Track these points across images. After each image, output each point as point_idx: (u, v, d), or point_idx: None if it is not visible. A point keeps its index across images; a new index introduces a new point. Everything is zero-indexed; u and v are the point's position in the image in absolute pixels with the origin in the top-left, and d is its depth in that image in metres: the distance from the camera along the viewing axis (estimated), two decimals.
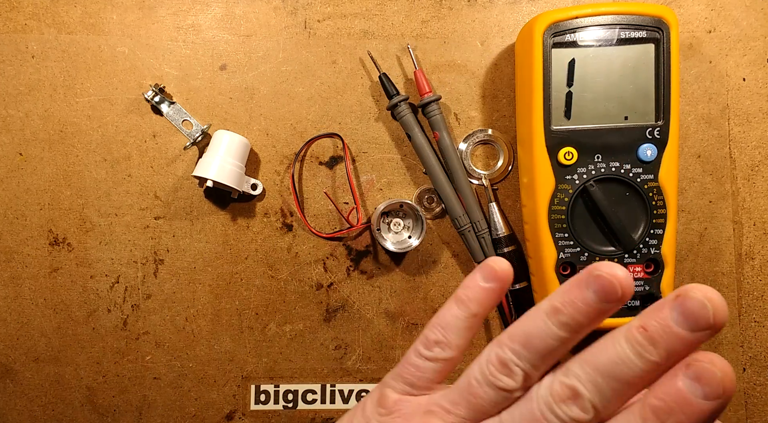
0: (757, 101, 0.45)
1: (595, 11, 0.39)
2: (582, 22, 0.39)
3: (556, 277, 0.40)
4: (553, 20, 0.39)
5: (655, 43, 0.39)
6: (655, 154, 0.40)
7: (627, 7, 0.39)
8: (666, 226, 0.40)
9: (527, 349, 0.22)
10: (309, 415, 0.46)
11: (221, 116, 0.45)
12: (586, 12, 0.39)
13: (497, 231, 0.44)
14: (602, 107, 0.40)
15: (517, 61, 0.43)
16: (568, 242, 0.40)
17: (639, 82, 0.40)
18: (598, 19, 0.39)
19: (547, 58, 0.39)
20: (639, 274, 0.40)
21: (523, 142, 0.42)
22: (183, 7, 0.45)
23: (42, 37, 0.45)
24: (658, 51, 0.39)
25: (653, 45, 0.39)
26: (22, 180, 0.45)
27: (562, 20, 0.39)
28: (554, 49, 0.39)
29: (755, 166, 0.46)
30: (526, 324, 0.22)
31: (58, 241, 0.45)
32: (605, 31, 0.39)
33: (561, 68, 0.40)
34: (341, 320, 0.46)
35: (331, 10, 0.45)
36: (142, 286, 0.45)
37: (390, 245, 0.43)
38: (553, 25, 0.39)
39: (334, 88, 0.45)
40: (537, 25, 0.39)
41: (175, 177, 0.45)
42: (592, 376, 0.20)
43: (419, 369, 0.24)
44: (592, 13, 0.39)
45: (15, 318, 0.45)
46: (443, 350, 0.24)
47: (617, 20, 0.39)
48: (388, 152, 0.46)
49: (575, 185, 0.40)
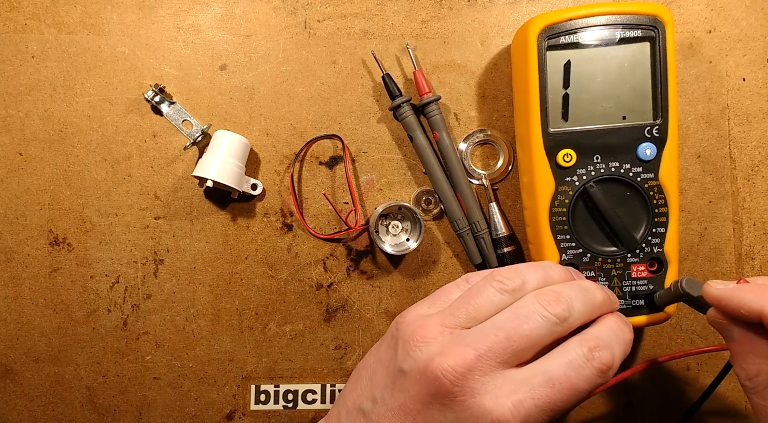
0: (757, 101, 0.45)
1: (589, 12, 0.39)
2: (576, 24, 0.39)
3: None
4: (547, 23, 0.39)
5: (650, 41, 0.39)
6: (655, 152, 0.40)
7: (621, 6, 0.39)
8: (668, 225, 0.40)
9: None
10: (309, 415, 0.46)
11: (221, 116, 0.45)
12: (579, 14, 0.39)
13: (497, 231, 0.44)
14: (600, 108, 0.40)
15: (513, 64, 0.43)
16: (570, 244, 0.40)
17: (636, 81, 0.40)
18: (593, 20, 0.39)
19: (543, 60, 0.39)
20: (642, 274, 0.40)
21: (522, 144, 0.42)
22: (183, 7, 0.45)
23: (42, 37, 0.45)
24: (654, 49, 0.39)
25: (648, 43, 0.39)
26: (22, 180, 0.45)
27: (556, 23, 0.39)
28: (549, 52, 0.39)
29: (755, 166, 0.46)
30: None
31: (58, 241, 0.45)
32: (600, 32, 0.39)
33: (557, 70, 0.40)
34: (341, 320, 0.46)
35: (331, 10, 0.45)
36: (142, 286, 0.45)
37: (388, 248, 0.43)
38: (548, 28, 0.39)
39: (334, 88, 0.45)
40: (531, 28, 0.39)
41: (175, 177, 0.45)
42: (574, 290, 0.31)
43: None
44: (585, 14, 0.39)
45: (15, 318, 0.45)
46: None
47: (612, 20, 0.39)
48: (388, 152, 0.46)
49: (575, 187, 0.40)
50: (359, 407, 0.31)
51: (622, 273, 0.40)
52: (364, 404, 0.31)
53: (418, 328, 0.30)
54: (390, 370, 0.31)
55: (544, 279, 0.32)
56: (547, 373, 0.28)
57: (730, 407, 0.46)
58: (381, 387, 0.31)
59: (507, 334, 0.29)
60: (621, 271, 0.40)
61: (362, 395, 0.32)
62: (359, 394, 0.32)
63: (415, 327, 0.30)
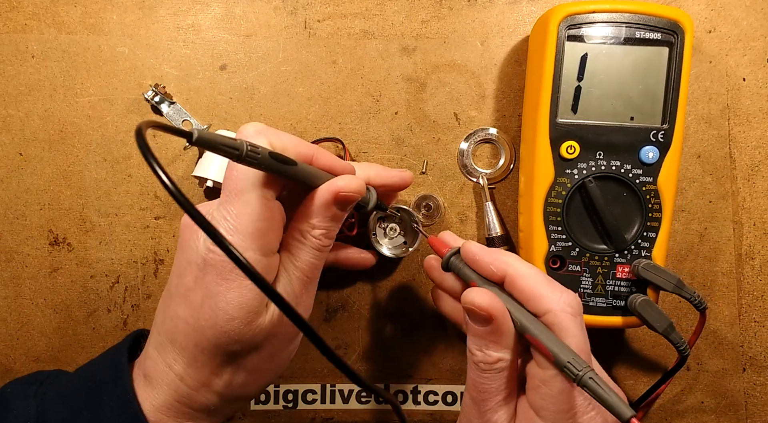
0: (757, 101, 0.45)
1: (613, 8, 0.39)
2: (598, 17, 0.39)
3: (545, 269, 0.40)
4: (570, 12, 0.39)
5: (669, 46, 0.39)
6: (657, 156, 0.39)
7: (644, 7, 0.39)
8: (659, 230, 0.40)
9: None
10: (309, 415, 0.46)
11: (221, 116, 0.45)
12: (603, 7, 0.39)
13: (491, 231, 0.44)
14: (610, 105, 0.40)
15: (530, 50, 0.43)
16: (561, 236, 0.40)
17: (649, 83, 0.40)
18: (615, 15, 0.39)
19: (560, 50, 0.39)
20: (627, 275, 0.40)
21: (528, 131, 0.42)
22: (183, 7, 0.45)
23: (42, 37, 0.45)
24: (671, 55, 0.39)
25: (667, 48, 0.39)
26: (22, 180, 0.45)
27: (579, 13, 0.39)
28: (568, 42, 0.39)
29: (755, 166, 0.46)
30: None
31: (58, 241, 0.45)
32: (620, 29, 0.39)
33: (573, 61, 0.40)
34: (341, 320, 0.46)
35: (331, 10, 0.45)
36: (142, 286, 0.45)
37: (386, 250, 0.43)
38: (569, 18, 0.39)
39: (334, 88, 0.45)
40: (553, 16, 0.39)
41: (175, 177, 0.45)
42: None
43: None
44: (609, 9, 0.39)
45: (15, 318, 0.45)
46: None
47: (633, 19, 0.39)
48: (388, 152, 0.46)
49: (574, 180, 0.40)
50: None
51: (608, 272, 0.40)
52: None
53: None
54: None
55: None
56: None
57: (729, 407, 0.46)
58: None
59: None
60: (607, 270, 0.40)
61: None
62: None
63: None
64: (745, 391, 0.46)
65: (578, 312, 0.31)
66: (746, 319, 0.46)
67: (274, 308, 0.31)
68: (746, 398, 0.46)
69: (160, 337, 0.32)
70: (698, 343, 0.46)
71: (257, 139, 0.31)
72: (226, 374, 0.32)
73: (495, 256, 0.33)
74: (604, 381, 0.28)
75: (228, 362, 0.32)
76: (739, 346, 0.46)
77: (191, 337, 0.31)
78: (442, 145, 0.46)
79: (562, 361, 0.29)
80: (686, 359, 0.40)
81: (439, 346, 0.46)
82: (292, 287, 0.33)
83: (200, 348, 0.31)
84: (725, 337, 0.46)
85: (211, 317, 0.30)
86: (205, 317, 0.30)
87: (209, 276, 0.30)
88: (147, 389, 0.32)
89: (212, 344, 0.31)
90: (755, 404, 0.46)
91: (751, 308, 0.45)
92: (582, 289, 0.40)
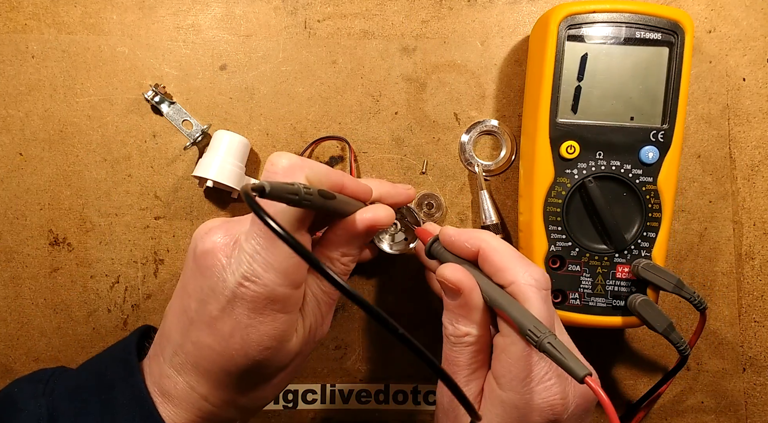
0: (757, 101, 0.45)
1: (613, 8, 0.39)
2: (598, 17, 0.39)
3: (545, 269, 0.40)
4: (570, 12, 0.39)
5: (669, 46, 0.39)
6: (657, 157, 0.40)
7: (644, 7, 0.39)
8: (659, 230, 0.40)
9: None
10: (309, 415, 0.46)
11: (221, 116, 0.45)
12: (603, 7, 0.39)
13: (486, 219, 0.44)
14: (610, 105, 0.40)
15: (531, 50, 0.43)
16: (561, 236, 0.40)
17: (649, 84, 0.40)
18: (615, 16, 0.39)
19: (560, 50, 0.39)
20: (627, 275, 0.40)
21: (528, 131, 0.42)
22: (183, 7, 0.45)
23: (42, 37, 0.45)
24: (671, 55, 0.39)
25: (667, 48, 0.39)
26: (22, 180, 0.45)
27: (579, 13, 0.39)
28: (568, 42, 0.39)
29: (755, 166, 0.46)
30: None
31: (58, 241, 0.45)
32: (621, 29, 0.39)
33: (573, 61, 0.40)
34: (341, 320, 0.46)
35: (331, 10, 0.45)
36: (142, 286, 0.45)
37: (387, 247, 0.43)
38: (569, 18, 0.39)
39: (334, 88, 0.45)
40: (553, 16, 0.39)
41: (175, 177, 0.45)
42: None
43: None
44: (609, 9, 0.39)
45: (15, 318, 0.45)
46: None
47: (634, 19, 0.39)
48: (388, 152, 0.46)
49: (574, 180, 0.40)
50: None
51: (608, 272, 0.40)
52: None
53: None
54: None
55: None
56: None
57: (729, 407, 0.46)
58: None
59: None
60: (606, 270, 0.40)
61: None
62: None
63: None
64: (745, 391, 0.46)
65: (543, 287, 0.31)
66: (746, 319, 0.46)
67: (302, 329, 0.32)
68: (746, 398, 0.46)
69: (178, 357, 0.32)
70: (698, 343, 0.46)
71: (295, 175, 0.30)
72: (252, 392, 0.33)
73: (470, 234, 0.34)
74: (564, 346, 0.28)
75: (256, 384, 0.32)
76: (739, 346, 0.46)
77: (217, 363, 0.31)
78: (442, 145, 0.46)
79: (524, 327, 0.29)
80: (686, 359, 0.40)
81: (440, 346, 0.45)
82: (320, 310, 0.33)
83: (227, 372, 0.31)
84: (725, 337, 0.46)
85: (243, 347, 0.30)
86: (235, 347, 0.30)
87: (239, 309, 0.30)
88: (168, 406, 0.32)
89: (242, 370, 0.31)
90: (755, 404, 0.46)
91: (751, 308, 0.45)
92: (582, 289, 0.40)
